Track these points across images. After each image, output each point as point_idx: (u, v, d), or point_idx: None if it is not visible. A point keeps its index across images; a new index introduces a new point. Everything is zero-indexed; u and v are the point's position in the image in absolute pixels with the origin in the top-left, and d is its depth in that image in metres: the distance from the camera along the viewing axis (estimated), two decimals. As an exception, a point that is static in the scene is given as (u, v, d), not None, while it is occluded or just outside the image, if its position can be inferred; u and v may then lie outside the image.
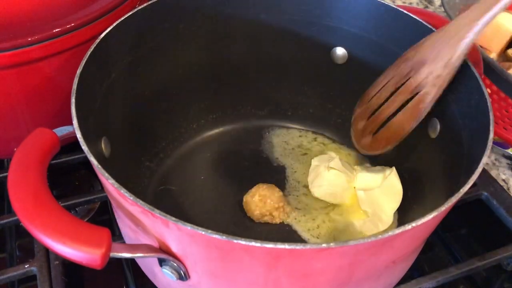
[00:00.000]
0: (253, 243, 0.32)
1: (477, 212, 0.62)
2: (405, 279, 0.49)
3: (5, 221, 0.56)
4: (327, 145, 0.65)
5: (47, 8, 0.51)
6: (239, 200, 0.57)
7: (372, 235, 0.33)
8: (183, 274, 0.39)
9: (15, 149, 0.39)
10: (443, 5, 0.71)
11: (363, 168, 0.60)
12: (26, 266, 0.52)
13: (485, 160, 0.39)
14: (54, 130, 0.42)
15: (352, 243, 0.33)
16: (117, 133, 0.51)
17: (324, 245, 0.33)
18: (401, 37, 0.54)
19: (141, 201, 0.35)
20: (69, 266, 0.52)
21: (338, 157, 0.59)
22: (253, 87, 0.65)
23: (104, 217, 0.61)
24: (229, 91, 0.64)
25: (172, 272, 0.39)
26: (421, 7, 0.98)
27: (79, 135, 0.39)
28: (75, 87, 0.43)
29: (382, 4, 0.55)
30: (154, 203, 0.37)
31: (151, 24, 0.54)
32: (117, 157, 0.50)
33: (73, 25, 0.51)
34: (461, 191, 0.37)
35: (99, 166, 0.37)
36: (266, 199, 0.55)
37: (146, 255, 0.38)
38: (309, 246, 0.33)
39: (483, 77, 0.47)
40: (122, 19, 0.50)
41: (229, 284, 0.39)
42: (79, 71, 0.44)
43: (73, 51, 0.52)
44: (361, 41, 0.58)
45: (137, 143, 0.57)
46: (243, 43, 0.61)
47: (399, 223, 0.56)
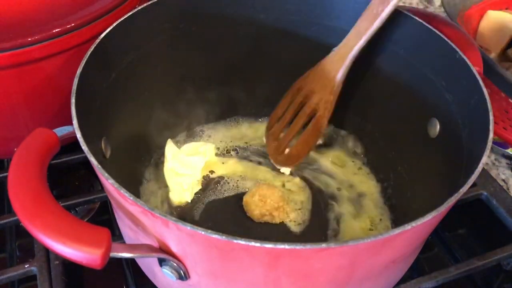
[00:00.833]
0: (253, 243, 0.32)
1: (476, 212, 0.63)
2: (405, 279, 0.49)
3: (5, 221, 0.56)
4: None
5: (47, 8, 0.51)
6: (239, 200, 0.57)
7: (372, 235, 0.33)
8: (183, 274, 0.39)
9: (15, 149, 0.39)
10: (443, 5, 0.72)
11: None
12: (26, 266, 0.52)
13: (484, 160, 0.39)
14: (54, 130, 0.42)
15: (351, 243, 0.33)
16: (117, 133, 0.51)
17: (324, 245, 0.33)
18: (401, 37, 0.54)
19: (141, 201, 0.35)
20: (69, 266, 0.52)
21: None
22: (253, 87, 0.65)
23: (104, 217, 0.61)
24: (229, 91, 0.64)
25: (172, 272, 0.39)
26: (421, 7, 0.98)
27: (79, 135, 0.39)
28: (75, 87, 0.43)
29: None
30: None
31: (151, 24, 0.54)
32: (117, 157, 0.50)
33: (73, 25, 0.51)
34: (461, 191, 0.37)
35: (99, 166, 0.37)
36: (266, 199, 0.55)
37: (146, 255, 0.38)
38: (309, 246, 0.33)
39: (483, 77, 0.47)
40: (122, 19, 0.50)
41: (229, 284, 0.40)
42: (79, 71, 0.44)
43: (73, 51, 0.52)
44: (361, 41, 0.58)
45: (137, 143, 0.57)
46: (243, 43, 0.61)
47: (398, 223, 0.56)
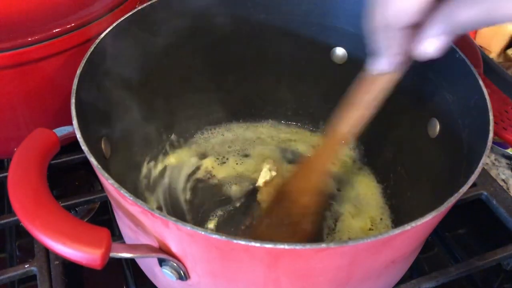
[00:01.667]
0: (253, 243, 0.32)
1: (476, 212, 0.62)
2: (405, 279, 0.49)
3: (5, 221, 0.56)
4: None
5: (47, 8, 0.51)
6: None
7: (371, 235, 0.33)
8: (183, 274, 0.39)
9: (15, 149, 0.39)
10: (443, 5, 0.71)
11: None
12: (26, 266, 0.52)
13: (484, 160, 0.39)
14: (54, 130, 0.42)
15: (351, 243, 0.33)
16: (117, 133, 0.51)
17: (323, 245, 0.33)
18: (401, 37, 0.54)
19: (141, 201, 0.35)
20: (69, 266, 0.52)
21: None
22: (253, 87, 0.65)
23: (104, 217, 0.61)
24: (229, 91, 0.64)
25: (172, 272, 0.39)
26: (421, 7, 0.97)
27: (79, 135, 0.39)
28: (75, 87, 0.43)
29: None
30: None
31: (151, 24, 0.54)
32: (117, 157, 0.50)
33: (73, 25, 0.51)
34: (461, 191, 0.37)
35: (99, 166, 0.37)
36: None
37: (146, 255, 0.38)
38: (308, 246, 0.33)
39: (483, 77, 0.47)
40: (122, 19, 0.50)
41: (229, 284, 0.40)
42: (79, 71, 0.44)
43: (73, 51, 0.52)
44: (361, 41, 0.58)
45: (137, 143, 0.57)
46: (243, 43, 0.61)
47: (398, 223, 0.56)
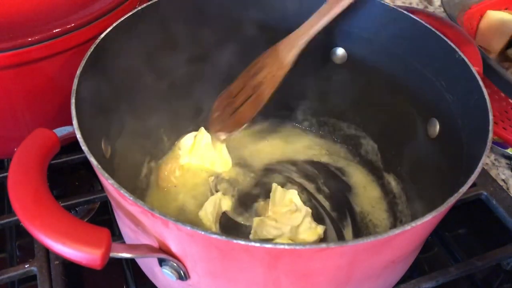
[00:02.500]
0: (253, 243, 0.32)
1: (476, 212, 0.62)
2: (405, 279, 0.49)
3: (5, 221, 0.56)
4: (327, 145, 0.66)
5: (47, 8, 0.51)
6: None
7: (371, 235, 0.33)
8: (183, 274, 0.39)
9: (15, 149, 0.39)
10: (442, 5, 0.72)
11: None
12: (26, 266, 0.52)
13: (484, 160, 0.39)
14: (54, 130, 0.42)
15: (351, 243, 0.33)
16: (117, 133, 0.51)
17: (323, 245, 0.33)
18: (400, 37, 0.54)
19: (141, 201, 0.35)
20: (69, 266, 0.52)
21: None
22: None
23: (104, 217, 0.61)
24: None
25: (172, 272, 0.39)
26: (421, 7, 0.98)
27: (79, 135, 0.39)
28: (75, 87, 0.43)
29: (382, 4, 0.55)
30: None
31: (151, 24, 0.54)
32: (117, 157, 0.50)
33: (73, 25, 0.51)
34: (461, 191, 0.37)
35: (99, 166, 0.37)
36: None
37: (146, 255, 0.38)
38: (308, 246, 0.33)
39: (483, 77, 0.47)
40: (122, 19, 0.50)
41: (229, 284, 0.40)
42: (79, 72, 0.44)
43: (73, 51, 0.52)
44: (361, 41, 0.58)
45: (137, 144, 0.57)
46: (243, 43, 0.61)
47: (397, 223, 0.56)
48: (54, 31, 0.50)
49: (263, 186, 0.60)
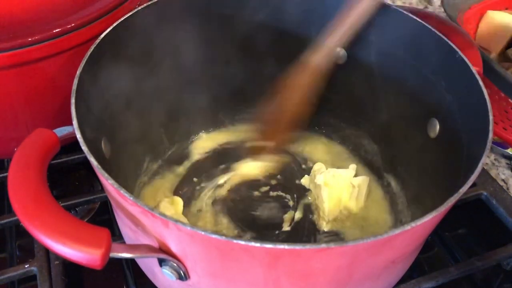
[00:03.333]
0: (253, 243, 0.32)
1: (476, 212, 0.62)
2: (405, 279, 0.49)
3: (5, 221, 0.56)
4: (327, 145, 0.66)
5: (47, 8, 0.51)
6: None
7: (372, 235, 0.33)
8: (183, 274, 0.39)
9: (15, 149, 0.39)
10: (443, 5, 0.72)
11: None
12: (26, 266, 0.52)
13: (484, 160, 0.39)
14: (54, 130, 0.42)
15: (351, 243, 0.33)
16: (117, 133, 0.51)
17: (323, 245, 0.33)
18: (400, 37, 0.54)
19: (141, 202, 0.35)
20: (69, 266, 0.52)
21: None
22: (252, 87, 0.65)
23: (104, 217, 0.61)
24: (230, 91, 0.64)
25: (172, 272, 0.39)
26: (421, 7, 0.98)
27: (79, 136, 0.39)
28: (75, 87, 0.43)
29: (382, 4, 0.55)
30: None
31: (151, 24, 0.54)
32: (117, 158, 0.50)
33: (73, 25, 0.51)
34: (461, 191, 0.37)
35: (99, 166, 0.37)
36: None
37: (146, 255, 0.38)
38: (308, 246, 0.33)
39: (483, 77, 0.47)
40: (122, 19, 0.50)
41: (229, 284, 0.40)
42: (79, 72, 0.44)
43: (73, 51, 0.52)
44: (361, 41, 0.58)
45: (137, 144, 0.57)
46: (243, 44, 0.61)
47: (398, 223, 0.56)
48: (54, 31, 0.50)
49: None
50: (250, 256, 0.35)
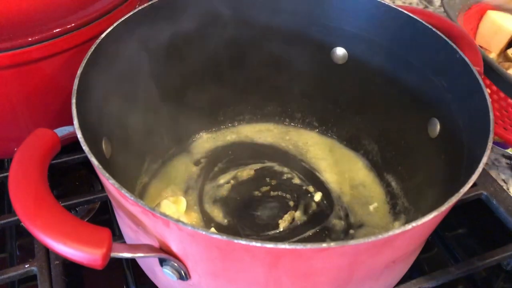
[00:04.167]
0: (254, 243, 0.32)
1: (477, 212, 0.62)
2: (405, 279, 0.49)
3: (5, 221, 0.56)
4: (328, 145, 0.66)
5: (47, 8, 0.51)
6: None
7: (372, 235, 0.33)
8: (183, 274, 0.39)
9: (16, 149, 0.39)
10: (443, 5, 0.72)
11: None
12: (26, 266, 0.52)
13: (485, 160, 0.39)
14: (54, 130, 0.41)
15: (352, 243, 0.33)
16: (117, 133, 0.51)
17: (324, 245, 0.33)
18: (400, 37, 0.54)
19: (142, 201, 0.35)
20: (70, 266, 0.52)
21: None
22: (253, 87, 0.65)
23: (104, 217, 0.61)
24: (230, 91, 0.64)
25: (172, 272, 0.39)
26: (421, 7, 0.98)
27: (79, 136, 0.39)
28: (75, 87, 0.43)
29: (382, 4, 0.55)
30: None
31: (151, 24, 0.54)
32: (118, 157, 0.50)
33: (73, 25, 0.51)
34: (461, 191, 0.37)
35: (100, 166, 0.37)
36: None
37: (146, 255, 0.38)
38: (309, 246, 0.33)
39: (483, 77, 0.47)
40: (122, 19, 0.50)
41: (229, 284, 0.40)
42: (79, 72, 0.44)
43: (73, 51, 0.52)
44: (361, 41, 0.58)
45: (137, 144, 0.57)
46: (243, 44, 0.61)
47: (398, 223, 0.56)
48: (54, 31, 0.50)
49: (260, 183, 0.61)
50: (251, 256, 0.35)
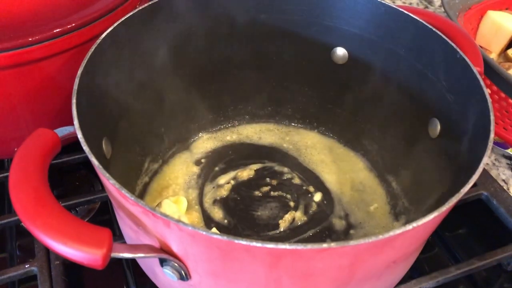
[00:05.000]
0: (254, 243, 0.32)
1: (477, 212, 0.62)
2: (405, 279, 0.49)
3: (5, 221, 0.56)
4: (328, 145, 0.66)
5: (47, 8, 0.51)
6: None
7: (373, 235, 0.33)
8: (184, 274, 0.39)
9: (16, 149, 0.38)
10: (443, 5, 0.72)
11: None
12: (26, 266, 0.52)
13: (485, 160, 0.39)
14: (55, 130, 0.41)
15: (352, 243, 0.33)
16: (118, 133, 0.51)
17: (325, 245, 0.33)
18: (401, 37, 0.54)
19: (142, 202, 0.35)
20: (70, 266, 0.52)
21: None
22: (253, 87, 0.65)
23: (104, 217, 0.61)
24: (230, 91, 0.64)
25: (173, 272, 0.39)
26: (421, 7, 0.98)
27: (80, 136, 0.39)
28: (76, 87, 0.43)
29: (382, 4, 0.55)
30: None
31: (151, 24, 0.54)
32: (118, 158, 0.50)
33: (74, 25, 0.51)
34: (462, 191, 0.37)
35: (100, 166, 0.37)
36: None
37: (147, 255, 0.38)
38: (310, 246, 0.33)
39: (484, 77, 0.47)
40: (122, 19, 0.50)
41: (230, 284, 0.39)
42: (80, 72, 0.44)
43: (74, 51, 0.52)
44: (361, 41, 0.58)
45: (138, 144, 0.57)
46: (243, 43, 0.61)
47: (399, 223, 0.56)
48: (54, 31, 0.50)
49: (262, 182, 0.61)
50: (251, 256, 0.35)
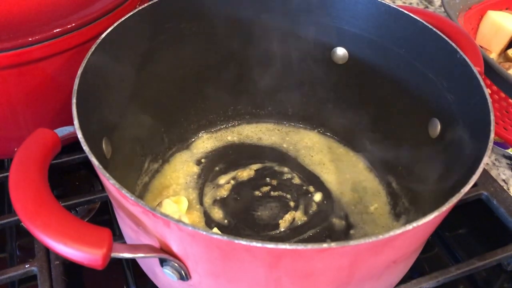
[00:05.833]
0: (254, 243, 0.32)
1: (477, 212, 0.62)
2: (405, 279, 0.49)
3: (5, 221, 0.56)
4: (328, 145, 0.66)
5: (48, 8, 0.51)
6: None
7: (373, 235, 0.33)
8: (184, 274, 0.39)
9: (16, 149, 0.38)
10: (443, 5, 0.72)
11: None
12: (26, 266, 0.52)
13: (485, 160, 0.39)
14: (55, 130, 0.41)
15: (352, 243, 0.33)
16: (118, 133, 0.51)
17: (325, 245, 0.33)
18: (401, 37, 0.54)
19: (142, 202, 0.35)
20: (70, 266, 0.52)
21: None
22: (253, 87, 0.65)
23: (104, 217, 0.61)
24: (230, 91, 0.64)
25: (173, 272, 0.39)
26: (421, 7, 0.98)
27: (80, 136, 0.39)
28: (76, 87, 0.43)
29: (382, 4, 0.55)
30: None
31: (151, 24, 0.54)
32: (118, 158, 0.50)
33: (74, 25, 0.51)
34: (462, 191, 0.37)
35: (100, 166, 0.37)
36: None
37: (147, 255, 0.38)
38: (310, 246, 0.33)
39: (483, 77, 0.47)
40: (123, 19, 0.50)
41: (230, 284, 0.39)
42: (80, 71, 0.44)
43: (74, 51, 0.52)
44: (361, 41, 0.58)
45: (138, 144, 0.57)
46: (244, 43, 0.61)
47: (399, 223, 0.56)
48: (54, 31, 0.50)
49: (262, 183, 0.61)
50: (251, 256, 0.35)
